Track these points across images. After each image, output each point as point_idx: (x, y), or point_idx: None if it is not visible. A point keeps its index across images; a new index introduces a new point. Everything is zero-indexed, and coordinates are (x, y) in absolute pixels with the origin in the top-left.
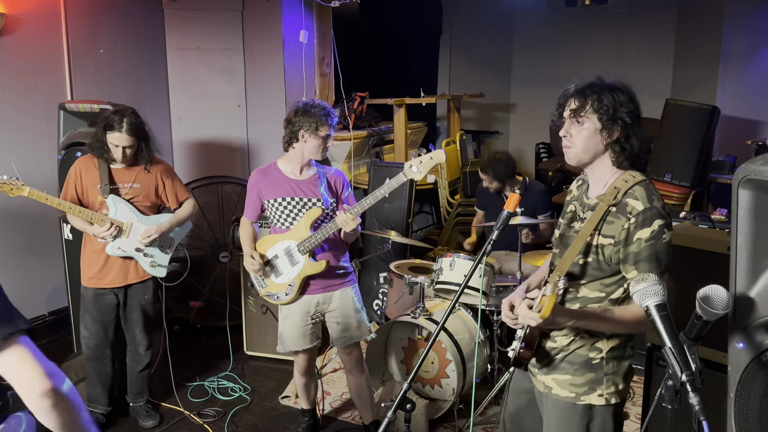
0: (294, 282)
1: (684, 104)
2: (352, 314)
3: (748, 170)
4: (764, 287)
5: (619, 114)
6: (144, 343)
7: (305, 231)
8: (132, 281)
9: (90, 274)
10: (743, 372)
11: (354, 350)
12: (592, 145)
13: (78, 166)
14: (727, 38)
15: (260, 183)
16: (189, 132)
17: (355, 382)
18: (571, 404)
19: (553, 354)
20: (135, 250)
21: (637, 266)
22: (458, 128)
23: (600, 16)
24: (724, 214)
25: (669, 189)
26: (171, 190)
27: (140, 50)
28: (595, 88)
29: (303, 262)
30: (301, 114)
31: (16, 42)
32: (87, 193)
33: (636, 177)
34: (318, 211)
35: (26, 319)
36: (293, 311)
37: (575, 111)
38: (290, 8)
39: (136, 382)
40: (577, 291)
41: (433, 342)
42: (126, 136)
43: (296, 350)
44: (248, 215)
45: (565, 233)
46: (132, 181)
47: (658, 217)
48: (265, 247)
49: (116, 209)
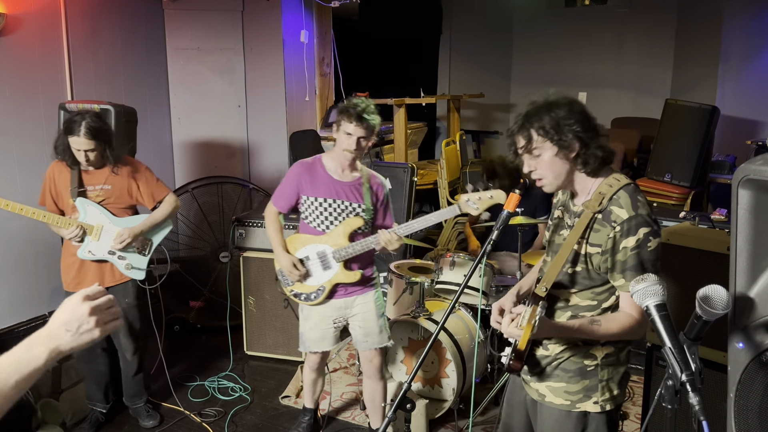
0: (324, 286)
1: (684, 104)
2: (374, 319)
3: (748, 170)
4: (764, 287)
5: (565, 129)
6: (131, 347)
7: (343, 239)
8: (109, 284)
9: (68, 279)
10: (743, 372)
11: (375, 357)
12: (558, 168)
13: (51, 171)
14: (727, 38)
15: (303, 177)
16: (189, 132)
17: (371, 388)
18: (565, 412)
19: (546, 362)
20: (108, 253)
21: (624, 275)
22: (458, 128)
23: (600, 16)
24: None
25: (669, 189)
26: (146, 190)
27: (140, 50)
28: (532, 116)
29: (337, 269)
30: (340, 110)
31: (16, 42)
32: (61, 197)
33: (620, 180)
34: (360, 221)
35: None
36: (314, 313)
37: (526, 146)
38: (290, 8)
39: (131, 386)
40: (568, 300)
41: (433, 342)
42: (85, 140)
43: (315, 351)
44: (280, 206)
45: (554, 240)
46: (103, 182)
47: (642, 225)
48: (296, 246)
49: (85, 212)
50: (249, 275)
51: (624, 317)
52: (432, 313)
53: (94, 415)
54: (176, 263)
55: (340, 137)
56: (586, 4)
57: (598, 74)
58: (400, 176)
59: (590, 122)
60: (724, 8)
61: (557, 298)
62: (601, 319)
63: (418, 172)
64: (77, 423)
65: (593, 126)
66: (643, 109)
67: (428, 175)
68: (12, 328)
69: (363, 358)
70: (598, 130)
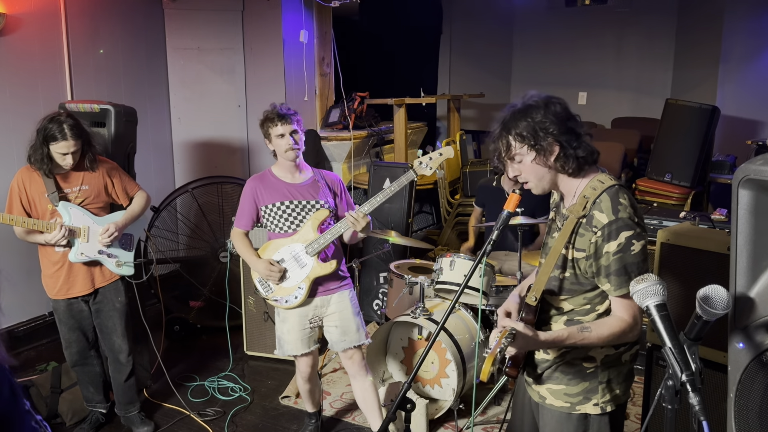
0: (303, 284)
1: (684, 104)
2: (350, 317)
3: (748, 170)
4: (764, 287)
5: (542, 132)
6: (125, 349)
7: (313, 233)
8: (99, 285)
9: (56, 287)
10: (743, 372)
11: (355, 354)
12: (542, 171)
13: (19, 179)
14: (727, 38)
15: (257, 189)
16: (189, 132)
17: (359, 387)
18: (566, 414)
19: (546, 366)
20: (98, 253)
21: (609, 279)
22: (458, 128)
23: (600, 16)
24: (724, 214)
25: (669, 189)
26: (119, 186)
27: (140, 50)
28: (507, 122)
29: (312, 263)
30: (261, 122)
31: (16, 42)
32: (35, 204)
33: (605, 183)
34: (325, 212)
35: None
36: (290, 314)
37: (507, 154)
38: (290, 8)
39: (124, 392)
40: (562, 307)
41: (433, 342)
42: (72, 142)
43: (295, 354)
44: (243, 225)
45: (547, 242)
46: (80, 183)
47: (624, 229)
48: (269, 252)
49: (69, 215)
50: (249, 275)
51: (614, 321)
52: (432, 313)
53: (94, 415)
54: (176, 263)
55: (276, 143)
56: (587, 4)
57: (598, 74)
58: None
59: (568, 123)
60: (725, 8)
61: (551, 305)
62: (591, 325)
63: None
64: (77, 423)
65: (570, 127)
66: (644, 109)
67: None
68: (12, 328)
69: (343, 357)
70: (577, 131)
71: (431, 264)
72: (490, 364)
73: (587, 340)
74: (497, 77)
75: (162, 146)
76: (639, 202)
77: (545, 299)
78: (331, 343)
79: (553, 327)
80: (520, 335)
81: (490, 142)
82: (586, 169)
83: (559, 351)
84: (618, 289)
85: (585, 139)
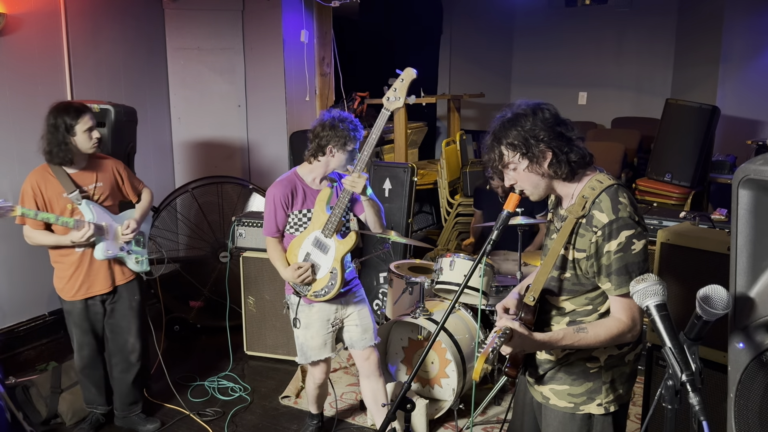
0: (335, 268)
1: (684, 104)
2: (368, 315)
3: (748, 170)
4: (764, 287)
5: (532, 140)
6: (137, 349)
7: (323, 215)
8: (119, 282)
9: (74, 288)
10: (743, 372)
11: (372, 354)
12: (536, 178)
13: (33, 181)
14: (728, 38)
15: (288, 196)
16: (189, 132)
17: (371, 388)
18: (569, 414)
19: (549, 366)
20: (120, 250)
21: (610, 279)
22: (458, 128)
23: (600, 16)
24: (724, 214)
25: (669, 189)
26: (128, 182)
27: (140, 50)
28: (497, 132)
29: (333, 244)
30: (329, 128)
31: (16, 42)
32: (51, 205)
33: (603, 182)
34: (327, 190)
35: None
36: (314, 320)
37: (500, 164)
38: (290, 8)
39: (130, 394)
40: (563, 307)
41: (433, 342)
42: (90, 114)
43: (318, 359)
44: (274, 233)
45: (546, 243)
46: (94, 181)
47: (624, 228)
48: (294, 252)
49: (92, 213)
50: (249, 275)
51: (612, 322)
52: (432, 313)
53: (94, 416)
54: (176, 263)
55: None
56: (587, 4)
57: (598, 74)
58: (400, 176)
59: (558, 129)
60: (725, 8)
61: (552, 305)
62: (588, 326)
63: (418, 171)
64: (77, 423)
65: (561, 132)
66: (644, 108)
67: (428, 174)
68: (12, 328)
69: (360, 357)
70: (568, 135)
71: (431, 264)
72: (482, 363)
73: (583, 341)
74: (497, 77)
75: (162, 146)
76: (639, 202)
77: (546, 300)
78: (351, 343)
79: (555, 327)
80: (516, 334)
81: (483, 153)
82: (580, 172)
83: (563, 352)
84: (618, 288)
85: (577, 143)
